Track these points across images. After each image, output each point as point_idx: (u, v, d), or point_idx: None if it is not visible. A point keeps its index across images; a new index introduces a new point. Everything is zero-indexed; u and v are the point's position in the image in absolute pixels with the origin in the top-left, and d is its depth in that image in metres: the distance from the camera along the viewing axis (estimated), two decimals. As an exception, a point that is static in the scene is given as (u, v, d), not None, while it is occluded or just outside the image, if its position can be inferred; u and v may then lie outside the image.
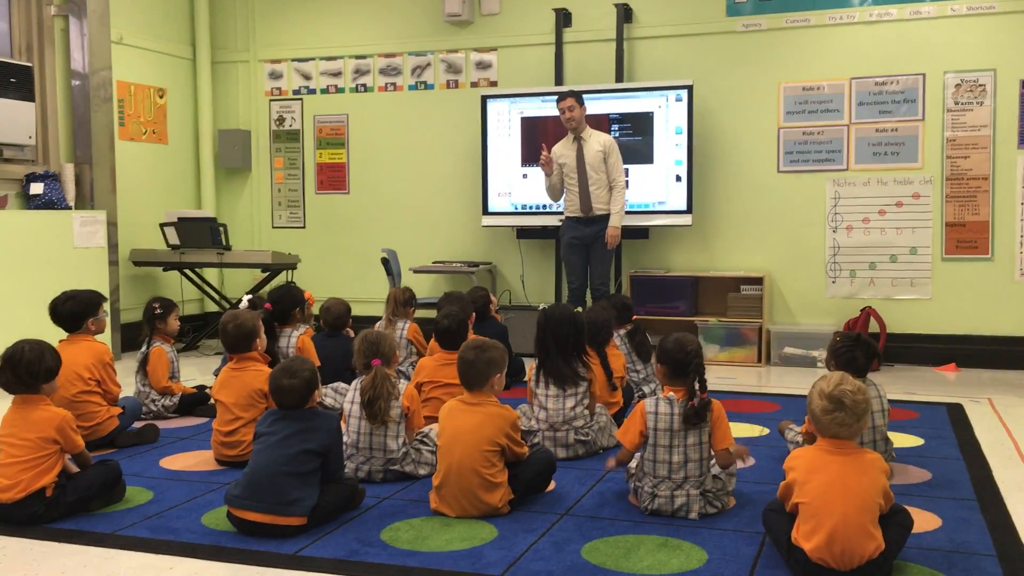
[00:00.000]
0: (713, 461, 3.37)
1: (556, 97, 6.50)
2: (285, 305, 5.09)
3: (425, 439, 3.88)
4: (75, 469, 3.44)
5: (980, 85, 6.50)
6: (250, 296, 5.40)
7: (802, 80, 6.88)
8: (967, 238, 6.57)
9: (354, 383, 3.82)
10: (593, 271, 6.44)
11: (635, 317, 5.35)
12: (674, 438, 3.26)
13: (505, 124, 7.33)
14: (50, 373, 3.41)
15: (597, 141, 6.36)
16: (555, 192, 6.57)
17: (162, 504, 3.50)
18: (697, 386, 3.26)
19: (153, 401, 4.99)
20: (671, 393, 3.34)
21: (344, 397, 3.90)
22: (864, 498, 2.64)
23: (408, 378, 5.09)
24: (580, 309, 4.45)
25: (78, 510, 3.36)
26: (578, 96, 6.37)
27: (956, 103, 6.55)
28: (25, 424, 3.32)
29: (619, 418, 4.53)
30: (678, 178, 6.91)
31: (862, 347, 3.65)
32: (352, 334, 5.21)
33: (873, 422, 3.55)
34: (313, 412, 3.31)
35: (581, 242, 6.44)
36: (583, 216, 6.39)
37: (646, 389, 5.18)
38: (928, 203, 6.64)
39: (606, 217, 6.34)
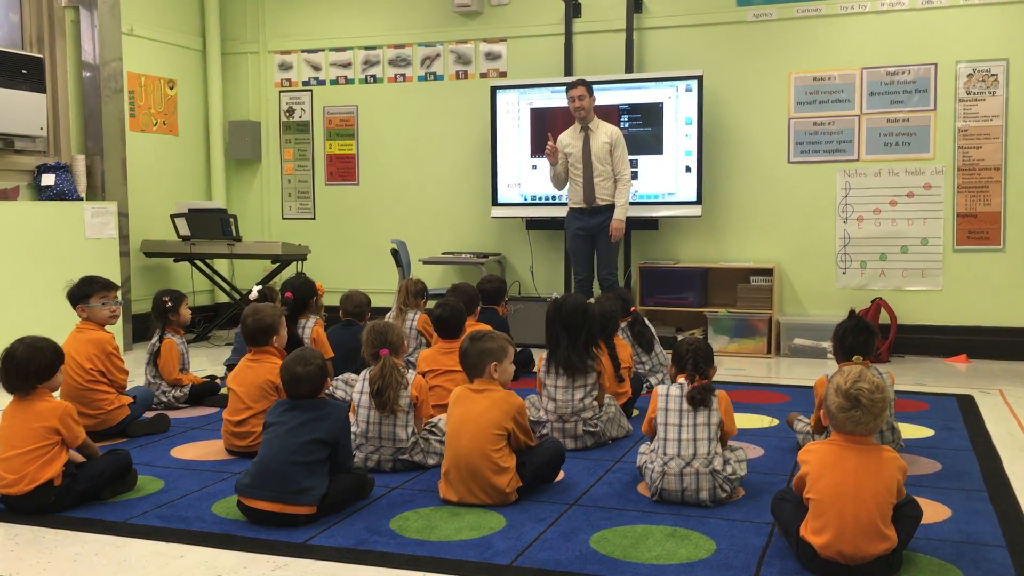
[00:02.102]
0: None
1: (566, 85, 6.48)
2: (304, 294, 5.11)
3: (434, 429, 3.89)
4: (81, 459, 3.45)
5: (992, 75, 6.45)
6: (260, 287, 5.43)
7: (813, 70, 6.85)
8: (978, 229, 6.54)
9: (363, 373, 3.84)
10: (600, 262, 6.43)
11: (633, 308, 5.34)
12: (683, 417, 3.34)
13: (515, 115, 7.32)
14: (43, 373, 3.38)
15: (604, 132, 6.35)
16: (559, 182, 6.56)
17: (173, 493, 3.52)
18: (696, 373, 3.39)
19: (164, 392, 5.01)
20: (682, 380, 3.45)
21: (353, 389, 3.91)
22: (877, 499, 2.62)
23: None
24: (592, 300, 4.44)
25: (90, 499, 3.38)
26: (588, 85, 6.36)
27: (968, 93, 6.51)
28: (26, 415, 3.32)
29: (627, 408, 4.54)
30: (688, 169, 6.89)
31: (854, 322, 3.72)
32: None
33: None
34: (322, 402, 3.32)
35: (586, 233, 6.42)
36: (587, 207, 6.38)
37: (653, 380, 5.18)
38: (939, 194, 6.61)
39: (610, 208, 6.33)
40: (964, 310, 6.60)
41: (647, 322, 5.42)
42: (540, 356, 4.27)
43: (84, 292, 4.46)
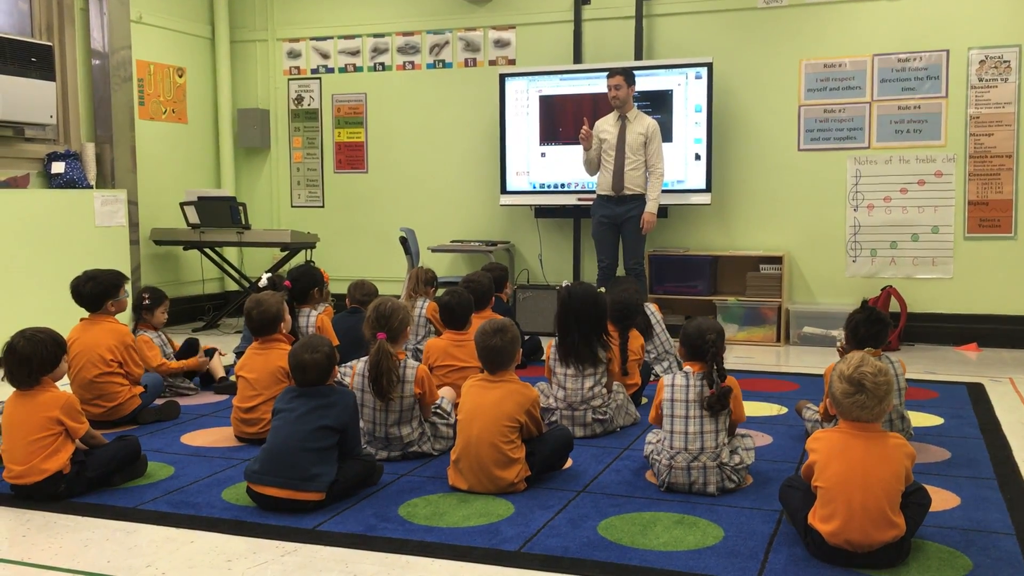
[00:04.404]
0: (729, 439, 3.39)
1: (606, 72, 6.41)
2: (304, 284, 5.11)
3: (439, 411, 3.87)
4: (86, 447, 3.45)
5: (1004, 61, 6.41)
6: (269, 275, 5.44)
7: (823, 57, 6.81)
8: (990, 217, 6.51)
9: (358, 368, 3.76)
10: (627, 251, 6.38)
11: None
12: (690, 409, 3.31)
13: (523, 103, 7.30)
14: (47, 365, 3.36)
15: (641, 124, 6.27)
16: (592, 167, 6.49)
17: (183, 479, 3.54)
18: (716, 375, 3.30)
19: (170, 380, 5.00)
20: (688, 367, 3.40)
21: (350, 382, 3.86)
22: (885, 486, 2.61)
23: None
24: (604, 289, 4.41)
25: (100, 485, 3.40)
26: (627, 74, 6.27)
27: (980, 80, 6.47)
28: (29, 406, 3.31)
29: (636, 397, 4.54)
30: (697, 156, 6.87)
31: (867, 313, 3.71)
32: None
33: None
34: (330, 389, 3.33)
35: (611, 221, 6.38)
36: (614, 195, 6.34)
37: (658, 368, 5.17)
38: (951, 181, 6.57)
39: (636, 197, 6.29)
40: (975, 298, 6.57)
41: (646, 308, 5.39)
42: (549, 344, 4.27)
43: (115, 284, 4.49)
